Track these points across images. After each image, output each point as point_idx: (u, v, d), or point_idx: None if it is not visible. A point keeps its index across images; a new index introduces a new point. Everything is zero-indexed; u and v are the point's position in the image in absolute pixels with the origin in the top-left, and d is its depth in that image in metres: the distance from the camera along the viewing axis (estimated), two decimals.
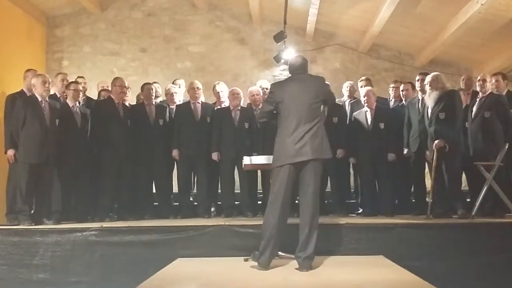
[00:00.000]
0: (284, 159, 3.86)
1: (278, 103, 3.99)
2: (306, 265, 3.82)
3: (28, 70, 5.89)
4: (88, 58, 9.26)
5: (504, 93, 5.67)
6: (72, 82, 5.88)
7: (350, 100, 6.54)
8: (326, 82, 4.44)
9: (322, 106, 4.08)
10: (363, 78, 6.70)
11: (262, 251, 3.87)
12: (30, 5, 8.55)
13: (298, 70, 4.13)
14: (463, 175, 5.73)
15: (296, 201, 4.34)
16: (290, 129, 3.88)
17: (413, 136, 5.73)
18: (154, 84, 6.39)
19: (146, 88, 6.16)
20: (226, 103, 6.28)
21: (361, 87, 6.48)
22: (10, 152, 5.24)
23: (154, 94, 6.17)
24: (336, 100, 6.65)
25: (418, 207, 5.76)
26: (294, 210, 4.59)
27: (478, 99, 5.54)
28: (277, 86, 4.15)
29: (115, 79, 6.03)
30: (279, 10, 7.51)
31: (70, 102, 5.63)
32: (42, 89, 5.26)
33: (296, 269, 3.84)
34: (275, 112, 4.08)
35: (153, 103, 6.15)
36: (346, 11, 8.25)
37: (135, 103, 6.54)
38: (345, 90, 6.65)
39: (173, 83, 6.79)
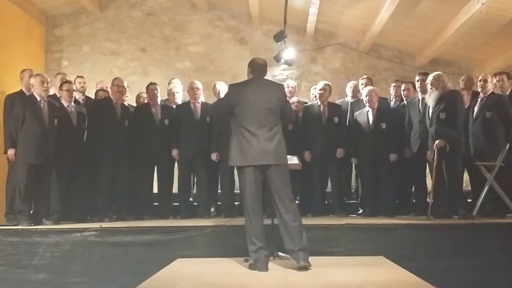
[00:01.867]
0: (248, 160, 3.84)
1: (234, 106, 3.97)
2: (303, 257, 3.75)
3: (23, 70, 5.82)
4: (88, 58, 9.25)
5: (508, 93, 5.66)
6: (64, 82, 5.84)
7: (351, 100, 6.51)
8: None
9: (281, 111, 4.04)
10: (364, 77, 6.63)
11: (256, 258, 3.84)
12: (29, 5, 8.54)
13: (262, 73, 4.15)
14: (465, 176, 5.71)
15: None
16: (248, 133, 3.87)
17: (414, 136, 5.71)
18: None
19: (150, 88, 6.15)
20: None
21: (362, 84, 6.44)
22: (11, 151, 5.20)
23: (158, 94, 6.15)
24: (338, 100, 6.71)
25: (418, 208, 5.75)
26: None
27: (479, 99, 5.52)
28: (235, 88, 4.11)
29: (114, 79, 6.02)
30: (279, 9, 7.48)
31: (64, 102, 5.61)
32: (40, 89, 5.24)
33: (295, 268, 3.79)
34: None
35: (158, 103, 6.13)
36: (346, 11, 8.24)
37: (135, 103, 6.53)
38: (349, 90, 6.60)
39: (169, 83, 6.77)
